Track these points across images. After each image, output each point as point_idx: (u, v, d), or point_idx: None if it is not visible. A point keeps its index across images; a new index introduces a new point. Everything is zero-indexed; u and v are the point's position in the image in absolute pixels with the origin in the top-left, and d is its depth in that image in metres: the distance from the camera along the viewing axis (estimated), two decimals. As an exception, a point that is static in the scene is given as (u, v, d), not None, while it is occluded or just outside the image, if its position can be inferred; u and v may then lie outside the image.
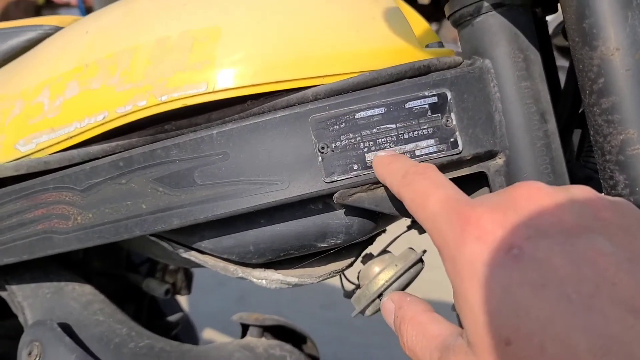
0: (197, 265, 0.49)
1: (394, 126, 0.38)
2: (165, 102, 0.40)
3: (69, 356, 0.47)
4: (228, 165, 0.38)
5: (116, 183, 0.41)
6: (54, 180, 0.44)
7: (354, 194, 0.39)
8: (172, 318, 0.80)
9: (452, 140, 0.39)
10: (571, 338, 0.21)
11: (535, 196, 0.26)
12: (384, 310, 0.35)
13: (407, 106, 0.38)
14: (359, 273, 0.45)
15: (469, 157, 0.40)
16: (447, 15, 0.43)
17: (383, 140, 0.38)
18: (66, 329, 0.50)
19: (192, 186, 0.39)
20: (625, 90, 0.33)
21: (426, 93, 0.39)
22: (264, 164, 0.38)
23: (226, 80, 0.39)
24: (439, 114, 0.39)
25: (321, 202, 0.41)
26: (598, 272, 0.22)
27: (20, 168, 0.46)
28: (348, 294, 0.48)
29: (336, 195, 0.38)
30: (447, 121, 0.39)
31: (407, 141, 0.38)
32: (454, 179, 0.35)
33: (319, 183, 0.38)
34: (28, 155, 0.47)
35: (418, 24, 0.56)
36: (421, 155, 0.38)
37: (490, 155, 0.40)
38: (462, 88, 0.39)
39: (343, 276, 0.50)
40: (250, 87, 0.39)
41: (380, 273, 0.42)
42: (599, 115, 0.34)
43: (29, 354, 0.48)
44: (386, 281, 0.41)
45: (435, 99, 0.39)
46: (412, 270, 0.42)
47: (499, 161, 0.41)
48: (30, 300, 0.55)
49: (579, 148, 0.50)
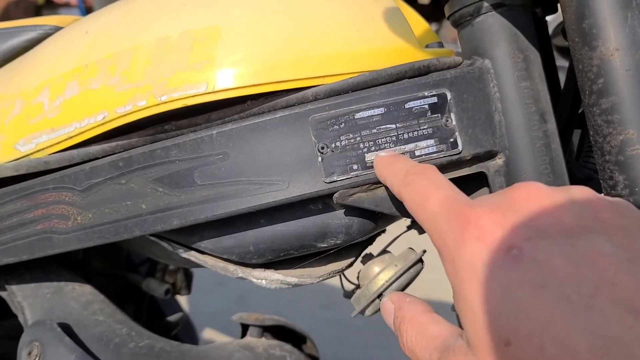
0: (197, 265, 0.49)
1: (394, 126, 0.38)
2: (165, 102, 0.40)
3: (69, 356, 0.47)
4: (228, 165, 0.38)
5: (116, 183, 0.41)
6: (54, 180, 0.44)
7: (354, 194, 0.39)
8: (172, 318, 0.80)
9: (452, 140, 0.39)
10: (571, 339, 0.21)
11: (534, 197, 0.26)
12: (384, 310, 0.35)
13: (407, 106, 0.38)
14: (359, 273, 0.45)
15: (469, 157, 0.40)
16: (447, 15, 0.43)
17: (383, 140, 0.38)
18: (66, 329, 0.50)
19: (192, 186, 0.39)
20: (624, 90, 0.33)
21: (426, 93, 0.39)
22: (264, 164, 0.38)
23: (226, 80, 0.39)
24: (439, 114, 0.39)
25: (321, 202, 0.41)
26: (598, 273, 0.22)
27: (20, 168, 0.46)
28: (348, 294, 0.48)
29: (336, 195, 0.38)
30: (447, 121, 0.39)
31: (407, 141, 0.38)
32: (454, 179, 0.35)
33: (319, 183, 0.38)
34: (28, 155, 0.47)
35: (418, 24, 0.56)
36: (421, 155, 0.38)
37: (490, 155, 0.40)
38: (462, 88, 0.39)
39: (343, 276, 0.50)
40: (250, 87, 0.39)
41: (380, 273, 0.42)
42: (599, 115, 0.34)
43: (29, 354, 0.48)
44: (386, 281, 0.41)
45: (435, 99, 0.39)
46: (412, 270, 0.42)
47: (499, 161, 0.41)
48: (30, 300, 0.55)
49: (579, 148, 0.50)
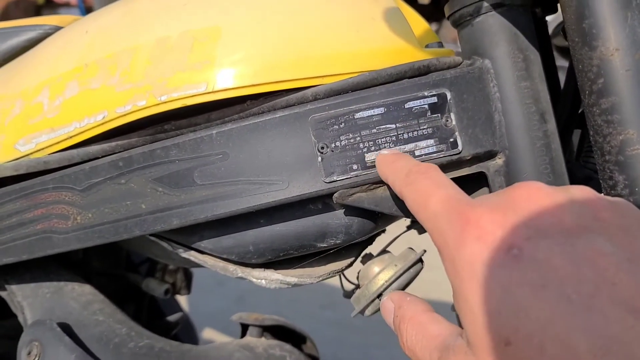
0: (197, 265, 0.49)
1: (394, 126, 0.38)
2: (164, 102, 0.40)
3: (69, 356, 0.47)
4: (227, 165, 0.38)
5: (116, 183, 0.41)
6: (54, 180, 0.44)
7: (354, 194, 0.39)
8: (172, 318, 0.80)
9: (452, 140, 0.39)
10: (571, 338, 0.21)
11: (534, 196, 0.26)
12: (384, 309, 0.35)
13: (407, 106, 0.38)
14: (359, 273, 0.45)
15: (469, 157, 0.39)
16: (447, 15, 0.43)
17: (383, 140, 0.38)
18: (66, 329, 0.50)
19: (192, 186, 0.39)
20: (624, 90, 0.33)
21: (426, 93, 0.38)
22: (264, 164, 0.38)
23: (226, 80, 0.39)
24: (439, 114, 0.39)
25: (321, 202, 0.41)
26: (598, 273, 0.22)
27: (19, 168, 0.46)
28: (348, 294, 0.48)
29: (336, 195, 0.38)
30: (447, 121, 0.39)
31: (407, 141, 0.38)
32: (454, 179, 0.35)
33: (319, 183, 0.38)
34: (28, 155, 0.47)
35: (418, 24, 0.56)
36: (421, 155, 0.38)
37: (489, 155, 0.40)
38: (462, 88, 0.39)
39: (343, 276, 0.50)
40: (250, 87, 0.39)
41: (379, 273, 0.42)
42: (599, 115, 0.34)
43: (29, 354, 0.48)
44: (386, 281, 0.41)
45: (434, 99, 0.39)
46: (412, 270, 0.42)
47: (499, 161, 0.40)
48: (29, 300, 0.55)
49: (579, 148, 0.50)
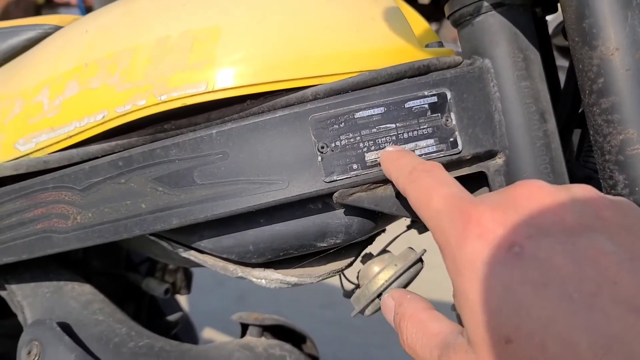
0: (197, 264, 0.49)
1: (394, 126, 0.38)
2: (164, 102, 0.40)
3: (69, 355, 0.47)
4: (227, 164, 0.38)
5: (115, 182, 0.41)
6: (54, 179, 0.44)
7: (354, 194, 0.39)
8: (172, 317, 0.80)
9: (452, 140, 0.39)
10: (572, 337, 0.21)
11: (536, 195, 0.26)
12: (384, 307, 0.35)
13: (407, 106, 0.38)
14: (359, 273, 0.45)
15: (469, 157, 0.39)
16: (447, 15, 0.43)
17: (383, 139, 0.38)
18: (65, 329, 0.50)
19: (192, 186, 0.39)
20: (625, 90, 0.33)
21: (426, 93, 0.38)
22: (264, 164, 0.38)
23: (226, 79, 0.39)
24: (439, 114, 0.39)
25: (321, 202, 0.41)
26: (599, 271, 0.22)
27: (19, 167, 0.46)
28: (347, 294, 0.48)
29: (336, 194, 0.38)
30: (447, 121, 0.39)
31: (407, 141, 0.38)
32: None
33: (319, 183, 0.38)
34: (27, 154, 0.47)
35: (418, 24, 0.56)
36: (421, 155, 0.38)
37: (489, 155, 0.40)
38: (462, 88, 0.39)
39: (342, 276, 0.50)
40: (249, 87, 0.39)
41: (379, 273, 0.42)
42: (599, 115, 0.34)
43: (29, 353, 0.48)
44: (386, 281, 0.41)
45: (434, 99, 0.39)
46: (412, 269, 0.42)
47: (499, 161, 0.40)
48: (29, 299, 0.55)
49: (579, 148, 0.50)
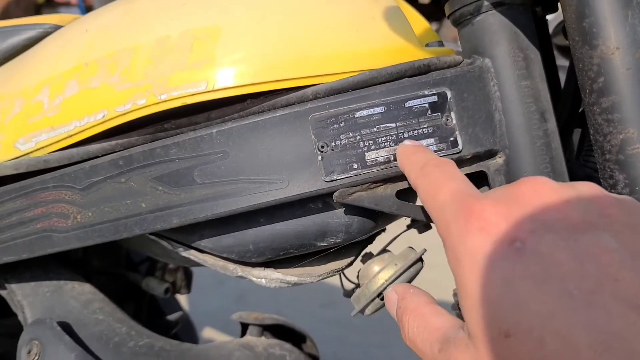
0: (197, 264, 0.49)
1: (394, 125, 0.38)
2: (164, 101, 0.40)
3: (69, 355, 0.47)
4: (227, 164, 0.38)
5: (116, 182, 0.41)
6: (54, 178, 0.44)
7: (354, 193, 0.39)
8: (172, 317, 0.80)
9: (452, 139, 0.39)
10: (572, 334, 0.21)
11: (540, 191, 0.26)
12: (387, 301, 0.35)
13: (407, 105, 0.38)
14: (359, 272, 0.45)
15: (469, 156, 0.39)
16: (447, 14, 0.43)
17: (383, 139, 0.38)
18: (66, 328, 0.50)
19: (192, 185, 0.39)
20: (625, 89, 0.33)
21: (426, 92, 0.38)
22: (264, 163, 0.38)
23: (226, 79, 0.39)
24: (439, 113, 0.39)
25: (321, 201, 0.41)
26: (601, 269, 0.22)
27: (19, 167, 0.46)
28: (348, 293, 0.48)
29: (336, 194, 0.38)
30: (447, 120, 0.39)
31: (407, 140, 0.38)
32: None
33: (319, 182, 0.38)
34: (28, 153, 0.47)
35: (418, 23, 0.56)
36: (421, 154, 0.38)
37: (490, 154, 0.40)
38: (462, 87, 0.39)
39: (343, 275, 0.50)
40: (249, 86, 0.39)
41: (379, 272, 0.42)
42: (599, 114, 0.34)
43: (29, 353, 0.48)
44: (386, 280, 0.41)
45: (435, 98, 0.39)
46: (412, 269, 0.42)
47: (499, 160, 0.40)
48: (29, 298, 0.55)
49: (579, 147, 0.49)
